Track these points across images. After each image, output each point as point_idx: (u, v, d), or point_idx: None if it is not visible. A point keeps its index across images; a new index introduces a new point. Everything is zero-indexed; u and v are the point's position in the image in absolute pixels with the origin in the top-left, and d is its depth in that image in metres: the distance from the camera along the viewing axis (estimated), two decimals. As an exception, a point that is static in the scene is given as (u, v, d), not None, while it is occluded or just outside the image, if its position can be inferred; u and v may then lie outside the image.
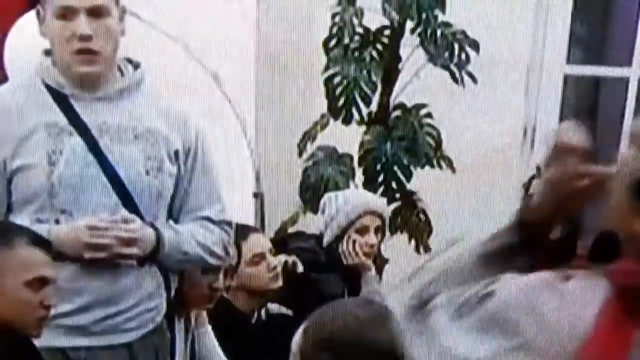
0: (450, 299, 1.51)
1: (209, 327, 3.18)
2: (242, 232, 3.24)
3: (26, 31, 3.59)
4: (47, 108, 2.67)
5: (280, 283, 3.37)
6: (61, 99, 2.68)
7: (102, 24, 2.64)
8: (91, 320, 2.67)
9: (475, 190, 4.91)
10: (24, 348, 2.48)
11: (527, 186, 4.02)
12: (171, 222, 2.81)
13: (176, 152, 2.76)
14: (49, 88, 2.69)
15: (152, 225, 2.72)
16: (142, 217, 2.70)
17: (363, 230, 3.62)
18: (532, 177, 4.07)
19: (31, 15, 2.73)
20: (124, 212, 2.67)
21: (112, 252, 2.64)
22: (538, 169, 4.23)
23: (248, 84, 4.47)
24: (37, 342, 2.49)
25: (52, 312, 2.52)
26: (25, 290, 2.42)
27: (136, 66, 2.79)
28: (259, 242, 3.38)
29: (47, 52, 2.72)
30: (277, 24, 4.55)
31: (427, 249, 4.51)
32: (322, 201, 3.71)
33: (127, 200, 2.69)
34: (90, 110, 2.68)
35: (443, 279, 1.57)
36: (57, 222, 2.64)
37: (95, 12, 2.63)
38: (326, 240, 3.63)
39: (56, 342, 2.63)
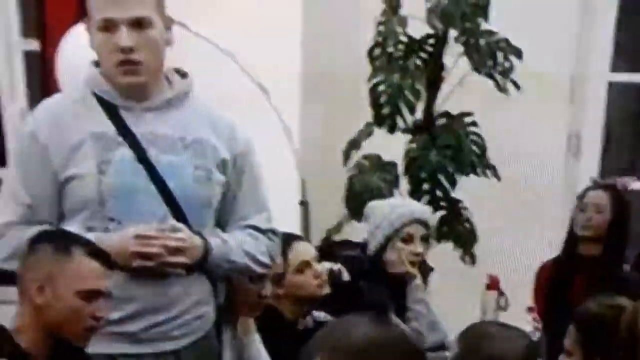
0: None
1: (257, 335, 3.19)
2: (287, 240, 3.25)
3: (77, 43, 3.65)
4: (96, 118, 2.70)
5: (327, 290, 3.38)
6: (110, 109, 2.71)
7: (144, 36, 2.66)
8: (140, 327, 2.69)
9: (520, 199, 4.90)
10: (75, 353, 2.52)
11: (581, 197, 4.00)
12: (218, 230, 2.83)
13: (224, 162, 2.78)
14: (98, 98, 2.72)
15: (200, 234, 2.74)
16: (190, 226, 2.72)
17: (408, 239, 3.62)
18: (587, 189, 4.04)
19: (81, 27, 2.79)
20: (172, 221, 2.69)
21: (160, 260, 2.66)
22: (595, 182, 4.22)
23: (294, 93, 4.50)
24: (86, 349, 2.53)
25: None
26: (77, 300, 2.45)
27: (183, 76, 2.81)
28: (305, 250, 3.39)
29: (96, 64, 2.75)
30: (322, 35, 4.57)
31: (472, 258, 4.51)
32: (365, 209, 3.72)
33: (175, 209, 2.70)
34: (138, 120, 2.71)
35: None
36: (106, 230, 2.67)
37: (137, 24, 2.65)
38: (371, 248, 3.64)
39: (105, 349, 2.65)
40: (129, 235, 2.64)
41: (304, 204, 4.23)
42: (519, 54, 4.43)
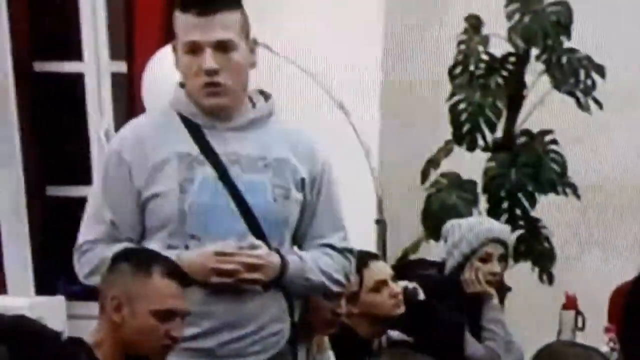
0: None
1: (331, 353, 3.23)
2: (364, 259, 3.28)
3: (163, 65, 3.73)
4: (180, 138, 2.76)
5: (402, 310, 3.39)
6: (194, 129, 2.77)
7: (229, 58, 2.72)
8: (217, 343, 2.74)
9: (600, 218, 4.86)
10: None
11: None
12: (295, 248, 2.87)
13: (302, 181, 2.82)
14: (183, 118, 2.79)
15: (277, 252, 2.78)
16: (268, 244, 2.77)
17: (486, 259, 3.62)
18: None
19: (167, 49, 2.86)
20: (251, 239, 2.74)
21: (238, 277, 2.71)
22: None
23: (373, 112, 4.53)
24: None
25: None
26: (152, 320, 2.51)
27: (267, 98, 2.87)
28: (382, 269, 3.41)
29: (182, 85, 2.82)
30: (402, 53, 4.60)
31: (550, 277, 4.49)
32: (444, 228, 3.73)
33: (254, 226, 2.76)
34: (221, 140, 2.77)
35: None
36: (186, 247, 2.73)
37: (221, 47, 2.71)
38: (449, 268, 3.65)
39: (182, 364, 2.72)
40: (208, 252, 2.70)
41: (380, 222, 4.24)
42: (601, 71, 4.40)
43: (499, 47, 4.41)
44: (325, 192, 2.87)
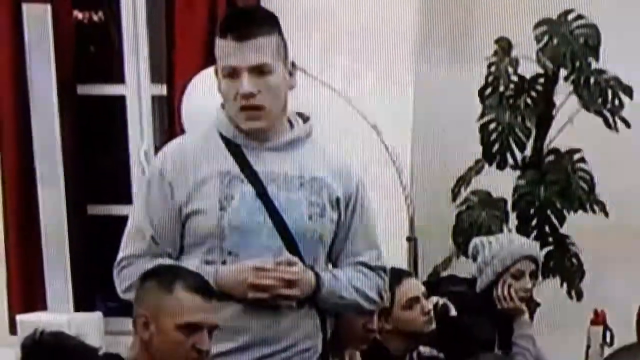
0: None
1: (363, 368, 3.28)
2: (397, 276, 3.33)
3: (201, 87, 3.83)
4: (221, 157, 2.84)
5: (433, 326, 3.43)
6: (234, 149, 2.85)
7: (265, 81, 2.79)
8: (250, 359, 2.80)
9: (629, 236, 4.88)
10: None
11: None
12: (330, 266, 2.94)
13: (337, 200, 2.89)
14: (223, 139, 2.87)
15: (312, 269, 2.85)
16: (303, 261, 2.84)
17: (519, 275, 3.67)
18: None
19: (205, 73, 2.96)
20: (288, 255, 2.81)
21: (274, 292, 2.78)
22: None
23: (405, 132, 4.59)
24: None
25: (214, 350, 2.66)
26: (176, 333, 2.57)
27: (305, 120, 2.95)
28: (413, 286, 3.46)
29: (223, 106, 2.90)
30: (434, 75, 4.64)
31: (579, 294, 4.53)
32: (471, 246, 3.77)
33: (290, 243, 2.83)
34: (260, 160, 2.85)
35: None
36: (223, 263, 2.81)
37: (258, 71, 2.79)
38: (480, 285, 3.69)
39: (217, 379, 2.77)
40: (247, 267, 2.77)
41: (412, 240, 4.30)
42: (629, 92, 4.45)
43: (528, 68, 4.47)
44: (359, 211, 2.93)
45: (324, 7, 4.65)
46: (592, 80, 4.42)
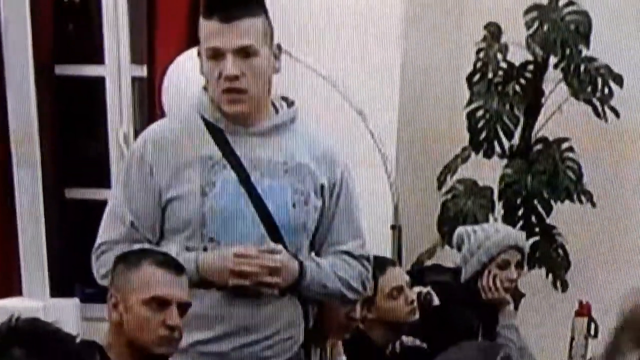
0: None
1: (344, 358, 3.24)
2: (380, 265, 3.28)
3: (183, 69, 3.77)
4: (203, 141, 2.80)
5: (416, 316, 3.40)
6: (217, 133, 2.80)
7: (250, 64, 2.74)
8: (231, 347, 2.76)
9: (615, 226, 4.86)
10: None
11: None
12: (313, 254, 2.89)
13: (322, 187, 2.85)
14: (206, 122, 2.82)
15: (295, 257, 2.81)
16: (286, 249, 2.79)
17: (504, 265, 3.64)
18: None
19: (187, 54, 2.89)
20: (271, 243, 2.77)
21: (256, 280, 2.73)
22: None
23: (391, 118, 4.55)
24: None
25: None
26: (144, 309, 2.53)
27: (290, 104, 2.90)
28: (398, 276, 3.42)
29: (206, 89, 2.85)
30: (420, 60, 4.62)
31: (564, 284, 4.50)
32: (455, 236, 3.74)
33: (273, 231, 2.79)
34: (244, 145, 2.80)
35: None
36: (204, 249, 2.76)
37: (242, 53, 2.74)
38: (465, 275, 3.66)
39: (196, 367, 2.73)
40: (228, 253, 2.73)
41: (396, 228, 4.26)
42: (620, 80, 4.42)
43: (518, 55, 4.42)
44: (344, 199, 2.89)
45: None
46: (582, 68, 4.39)
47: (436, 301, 3.57)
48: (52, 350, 1.96)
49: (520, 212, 4.41)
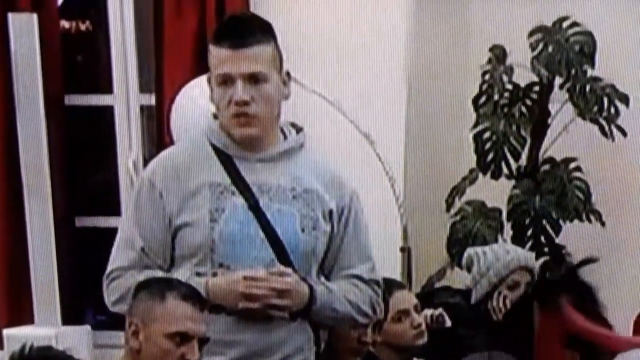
0: None
1: (356, 381, 3.25)
2: (388, 287, 3.27)
3: (191, 97, 3.80)
4: (212, 168, 2.82)
5: (424, 340, 3.40)
6: (226, 160, 2.83)
7: (260, 90, 2.78)
8: None
9: (624, 245, 4.86)
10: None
11: None
12: (323, 278, 2.90)
13: (330, 212, 2.87)
14: (215, 149, 2.84)
15: (305, 281, 2.82)
16: (296, 273, 2.80)
17: (514, 286, 3.66)
18: None
19: (194, 82, 2.92)
20: (280, 266, 2.78)
21: (266, 302, 2.75)
22: None
23: (398, 141, 4.57)
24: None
25: None
26: (165, 342, 2.55)
27: (299, 130, 2.93)
28: (404, 299, 3.42)
29: (215, 116, 2.88)
30: (427, 83, 4.63)
31: (575, 304, 4.49)
32: (465, 256, 3.74)
33: (282, 256, 2.80)
34: (252, 171, 2.82)
35: None
36: (214, 275, 2.77)
37: (253, 79, 2.77)
38: (475, 297, 3.67)
39: (208, 392, 2.74)
40: (238, 277, 2.74)
41: (405, 250, 4.27)
42: (626, 99, 4.43)
43: (523, 76, 4.44)
44: (352, 223, 2.91)
45: (316, 16, 4.63)
46: (587, 88, 4.39)
47: (448, 323, 3.57)
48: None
49: (529, 233, 4.40)
